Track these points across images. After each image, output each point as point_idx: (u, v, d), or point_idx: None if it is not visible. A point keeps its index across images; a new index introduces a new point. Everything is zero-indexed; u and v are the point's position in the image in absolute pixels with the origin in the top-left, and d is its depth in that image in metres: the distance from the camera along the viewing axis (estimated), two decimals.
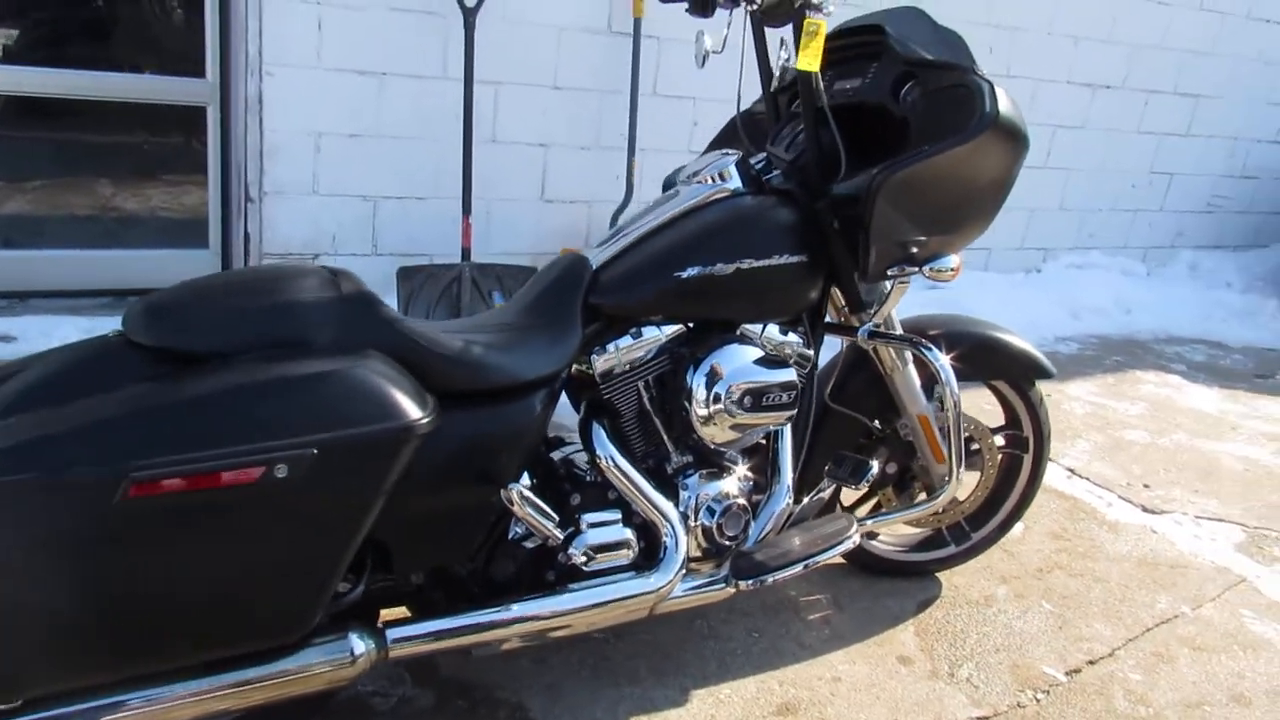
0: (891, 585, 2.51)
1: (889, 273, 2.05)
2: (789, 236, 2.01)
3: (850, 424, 2.35)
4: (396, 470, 1.52)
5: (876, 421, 2.40)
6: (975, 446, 2.50)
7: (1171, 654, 2.36)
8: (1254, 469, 3.53)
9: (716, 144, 2.55)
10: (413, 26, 3.53)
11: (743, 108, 2.55)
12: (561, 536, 1.84)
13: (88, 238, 3.66)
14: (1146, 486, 3.29)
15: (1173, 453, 3.61)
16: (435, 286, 3.67)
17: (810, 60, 1.86)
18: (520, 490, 1.75)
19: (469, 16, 3.50)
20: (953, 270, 2.10)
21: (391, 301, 3.66)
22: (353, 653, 1.63)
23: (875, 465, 2.15)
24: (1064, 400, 4.06)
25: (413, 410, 1.51)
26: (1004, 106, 1.94)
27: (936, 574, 2.57)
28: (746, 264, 1.97)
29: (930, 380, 2.34)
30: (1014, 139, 1.98)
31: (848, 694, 2.11)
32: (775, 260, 2.00)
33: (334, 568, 1.51)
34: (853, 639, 2.30)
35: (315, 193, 3.58)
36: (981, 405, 2.63)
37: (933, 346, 2.15)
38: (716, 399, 1.96)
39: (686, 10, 2.22)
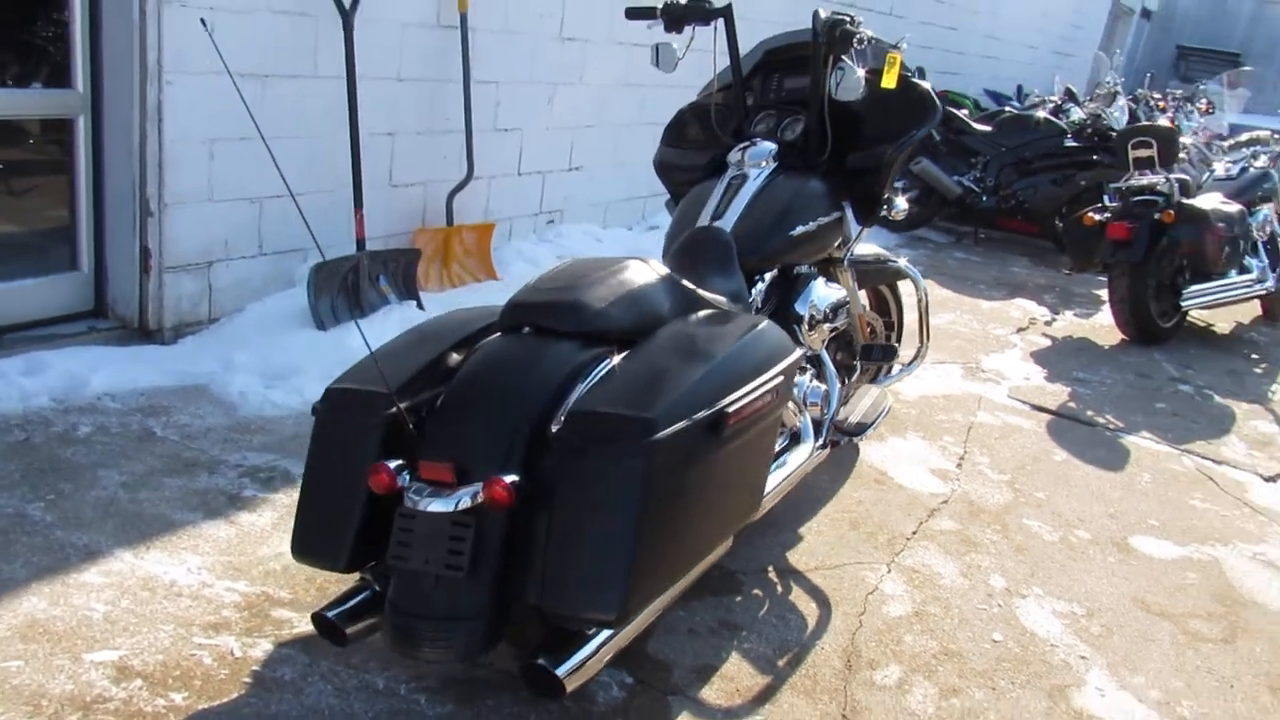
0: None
1: (881, 215, 2.96)
2: (829, 199, 2.84)
3: None
4: None
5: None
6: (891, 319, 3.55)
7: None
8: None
9: (674, 131, 3.24)
10: (289, 29, 3.61)
11: (680, 105, 3.28)
12: None
13: None
14: None
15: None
16: (335, 278, 3.83)
17: (890, 80, 2.67)
18: None
19: (347, 17, 3.67)
20: (904, 210, 3.07)
21: (304, 298, 3.77)
22: None
23: (897, 346, 3.08)
24: None
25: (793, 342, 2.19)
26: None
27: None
28: (819, 221, 2.77)
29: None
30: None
31: None
32: (831, 216, 2.82)
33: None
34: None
35: (210, 200, 3.54)
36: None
37: (901, 259, 3.12)
38: (816, 315, 2.75)
39: (654, 26, 2.90)
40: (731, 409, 1.88)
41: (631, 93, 5.46)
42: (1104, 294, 6.22)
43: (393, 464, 1.88)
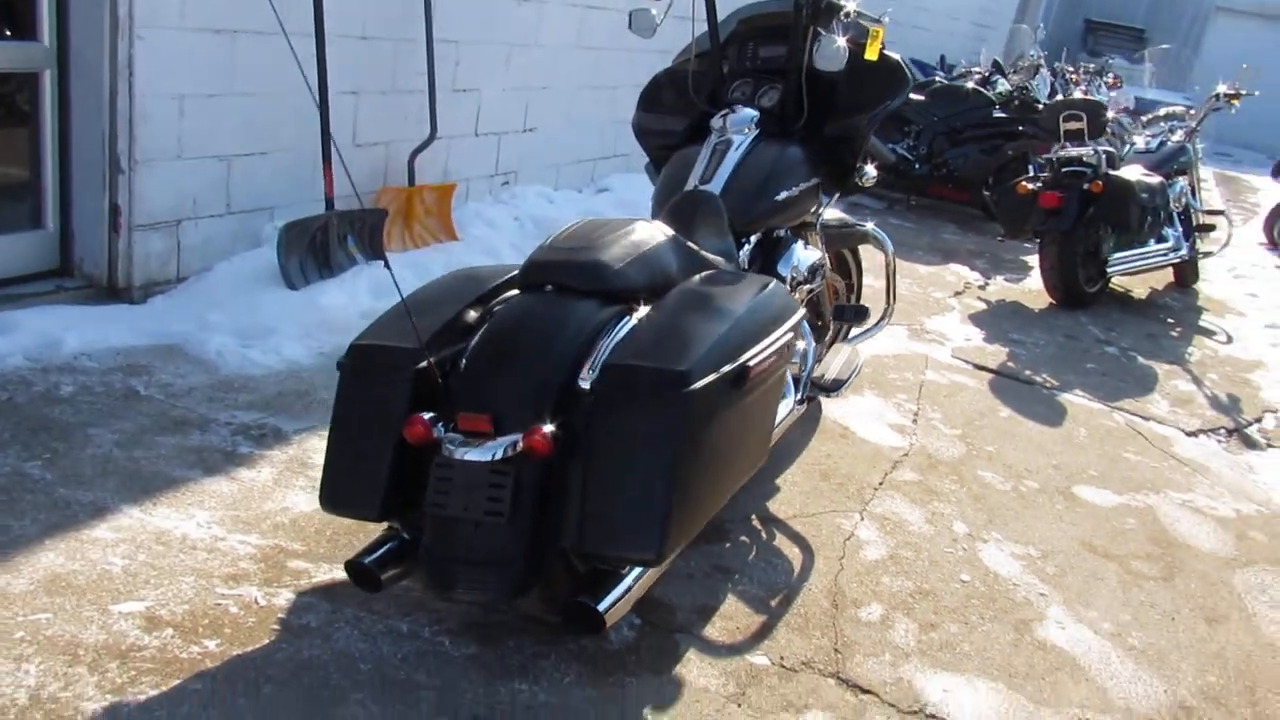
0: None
1: (854, 182, 3.11)
2: (808, 165, 2.97)
3: None
4: None
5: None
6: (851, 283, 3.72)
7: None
8: None
9: (650, 96, 3.32)
10: None
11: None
12: None
13: None
14: None
15: None
16: (304, 237, 3.82)
17: (873, 53, 2.79)
18: None
19: None
20: (873, 178, 3.22)
21: (271, 257, 3.76)
22: None
23: (869, 308, 3.24)
24: None
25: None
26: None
27: None
28: (800, 187, 2.90)
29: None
30: None
31: None
32: (810, 182, 2.96)
33: None
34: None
35: (180, 157, 3.49)
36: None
37: (868, 223, 3.28)
38: (797, 276, 2.89)
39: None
40: (752, 363, 2.00)
41: (585, 55, 5.49)
42: (1031, 260, 6.53)
43: (426, 416, 1.96)
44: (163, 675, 1.94)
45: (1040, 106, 7.00)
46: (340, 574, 2.33)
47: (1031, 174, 5.52)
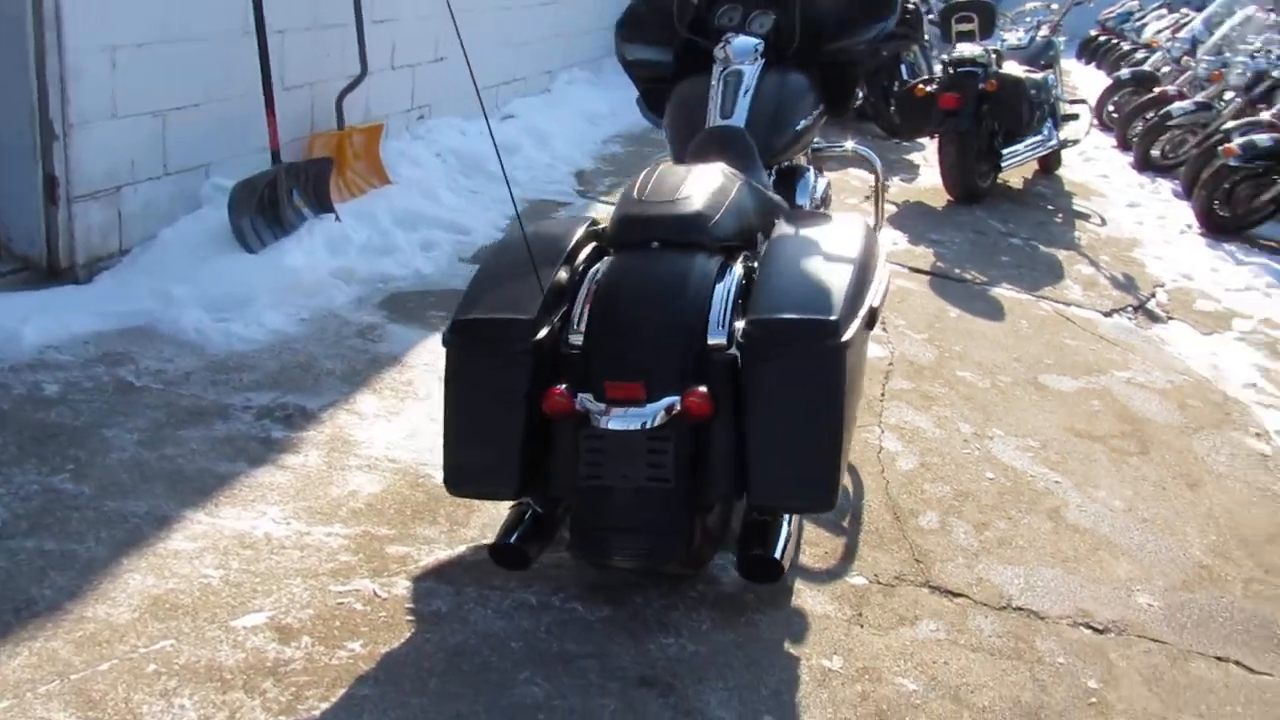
0: None
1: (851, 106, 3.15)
2: (814, 93, 2.98)
3: None
4: None
5: None
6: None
7: None
8: None
9: (631, 26, 3.23)
10: None
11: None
12: None
13: None
14: None
15: None
16: (254, 196, 3.53)
17: None
18: None
19: None
20: (861, 100, 3.27)
21: (214, 219, 3.46)
22: None
23: None
24: None
25: None
26: None
27: None
28: (813, 115, 2.93)
29: None
30: None
31: None
32: (819, 109, 2.98)
33: None
34: None
35: (115, 116, 3.14)
36: None
37: (850, 142, 3.35)
38: (816, 203, 2.93)
39: None
40: (877, 304, 2.05)
41: None
42: (917, 159, 6.83)
43: (562, 387, 1.91)
44: (325, 687, 1.85)
45: (909, 7, 7.19)
46: (445, 553, 2.28)
47: (930, 76, 5.71)
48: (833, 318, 1.89)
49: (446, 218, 4.31)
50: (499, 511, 2.37)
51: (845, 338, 1.88)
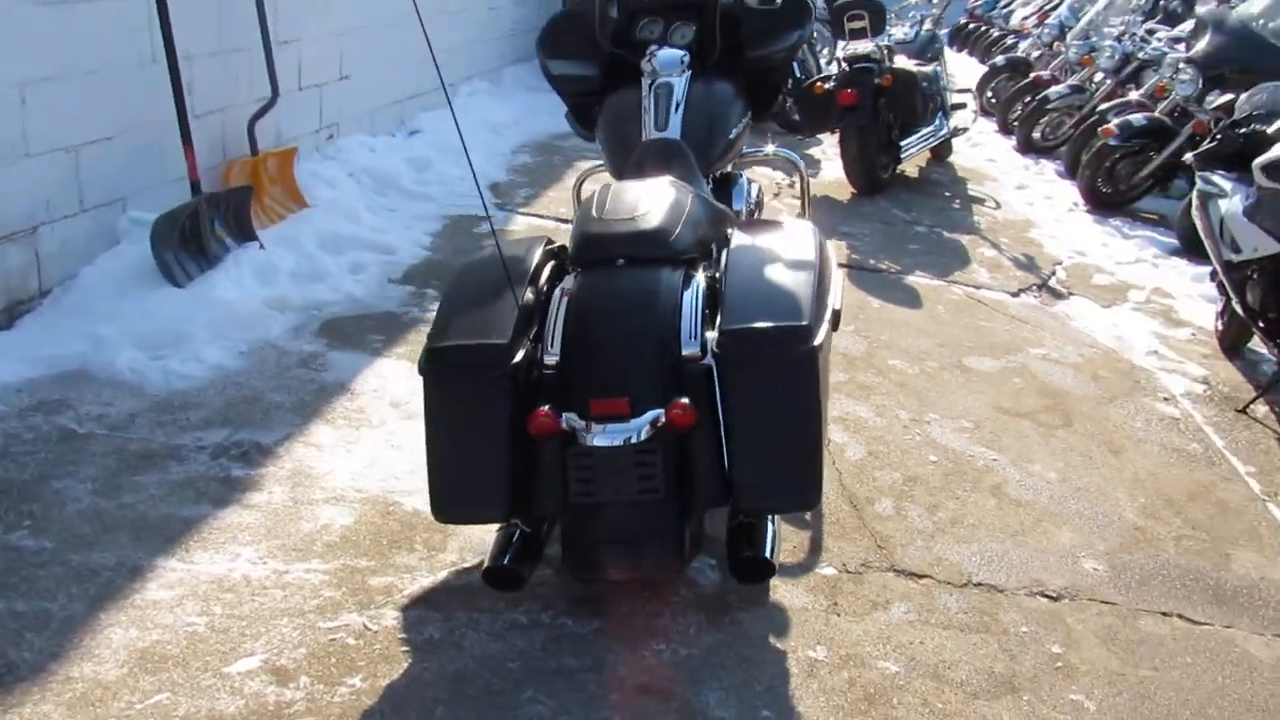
0: None
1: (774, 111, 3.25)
2: (741, 100, 3.07)
3: None
4: None
5: None
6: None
7: None
8: None
9: (553, 41, 3.26)
10: None
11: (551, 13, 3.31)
12: None
13: None
14: None
15: None
16: (175, 229, 3.43)
17: None
18: None
19: None
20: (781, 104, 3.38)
21: (134, 254, 3.35)
22: None
23: None
24: None
25: None
26: None
27: None
28: (743, 122, 3.02)
29: None
30: None
31: None
32: (747, 116, 3.07)
33: None
34: None
35: (28, 155, 3.01)
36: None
37: (771, 147, 3.46)
38: (750, 210, 3.03)
39: None
40: (839, 305, 2.13)
41: None
42: (817, 154, 7.02)
43: (545, 408, 1.94)
44: None
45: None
46: (427, 579, 2.28)
47: (828, 74, 5.89)
48: (804, 323, 1.96)
49: (370, 238, 4.26)
50: (475, 535, 2.39)
51: (817, 342, 1.96)
